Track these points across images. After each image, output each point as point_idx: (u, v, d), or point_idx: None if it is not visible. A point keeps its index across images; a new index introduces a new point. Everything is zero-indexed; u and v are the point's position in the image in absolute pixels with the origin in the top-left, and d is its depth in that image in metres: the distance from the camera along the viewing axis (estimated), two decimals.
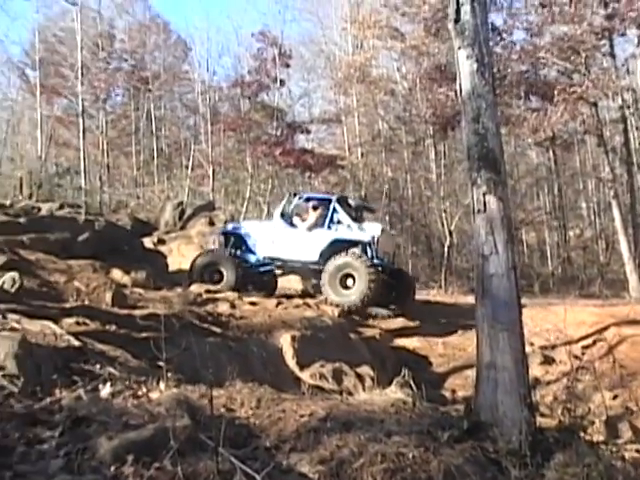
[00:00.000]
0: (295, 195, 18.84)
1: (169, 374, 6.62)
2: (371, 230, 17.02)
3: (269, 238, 17.44)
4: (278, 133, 35.75)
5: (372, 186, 35.99)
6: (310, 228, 17.26)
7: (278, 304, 15.45)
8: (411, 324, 16.82)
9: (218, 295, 15.42)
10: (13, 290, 10.79)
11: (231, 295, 15.67)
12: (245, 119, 36.13)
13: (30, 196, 27.79)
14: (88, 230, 17.72)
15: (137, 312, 11.26)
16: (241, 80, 37.23)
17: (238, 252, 17.71)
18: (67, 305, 10.81)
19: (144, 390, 6.20)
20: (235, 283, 16.74)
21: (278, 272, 17.91)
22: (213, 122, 37.46)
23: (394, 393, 7.19)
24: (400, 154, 36.34)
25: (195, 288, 15.93)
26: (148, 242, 20.50)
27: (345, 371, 11.60)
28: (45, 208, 22.07)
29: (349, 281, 16.02)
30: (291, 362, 11.64)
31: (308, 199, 18.20)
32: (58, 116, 38.03)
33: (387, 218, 34.45)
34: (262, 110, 36.87)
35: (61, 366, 6.59)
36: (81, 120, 28.26)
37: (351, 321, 15.68)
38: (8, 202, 22.69)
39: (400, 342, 15.68)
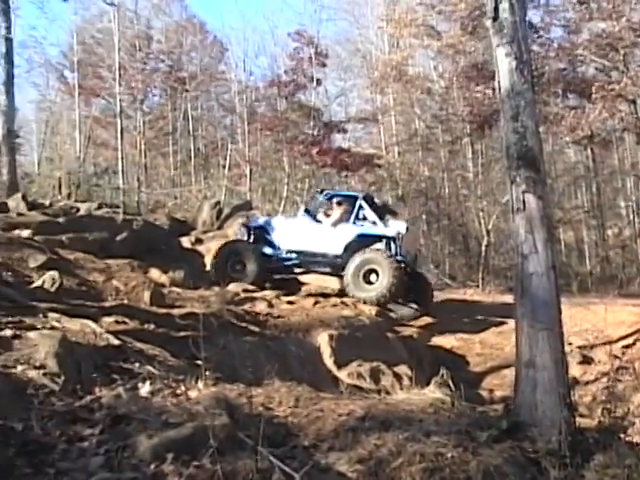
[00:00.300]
0: (321, 192, 19.05)
1: (207, 373, 6.59)
2: (396, 226, 17.07)
3: (293, 232, 17.54)
4: (315, 132, 35.74)
5: (409, 185, 35.84)
6: (335, 223, 17.34)
7: (315, 303, 15.53)
8: (447, 323, 16.78)
9: (256, 294, 15.47)
10: (53, 289, 10.86)
11: (269, 294, 15.75)
12: (282, 119, 36.18)
13: (69, 196, 27.83)
14: (126, 230, 17.89)
15: (175, 311, 11.27)
16: (278, 80, 37.30)
17: (263, 248, 17.74)
18: (106, 304, 10.85)
19: (183, 389, 6.20)
20: (257, 275, 16.87)
21: (297, 271, 17.79)
22: (250, 122, 37.45)
23: (432, 393, 7.15)
24: (437, 153, 36.15)
25: (232, 287, 15.93)
26: (186, 241, 20.50)
27: (383, 370, 11.54)
28: (84, 208, 22.23)
29: (372, 276, 16.07)
30: (329, 361, 11.62)
31: (333, 196, 18.28)
32: (96, 117, 38.26)
33: (424, 217, 34.35)
34: (299, 110, 36.90)
35: (101, 364, 6.59)
36: (119, 121, 28.39)
37: (388, 320, 15.68)
38: (47, 202, 22.75)
39: (437, 341, 15.66)
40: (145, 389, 6.02)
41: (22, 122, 42.06)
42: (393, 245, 16.66)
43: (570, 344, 13.07)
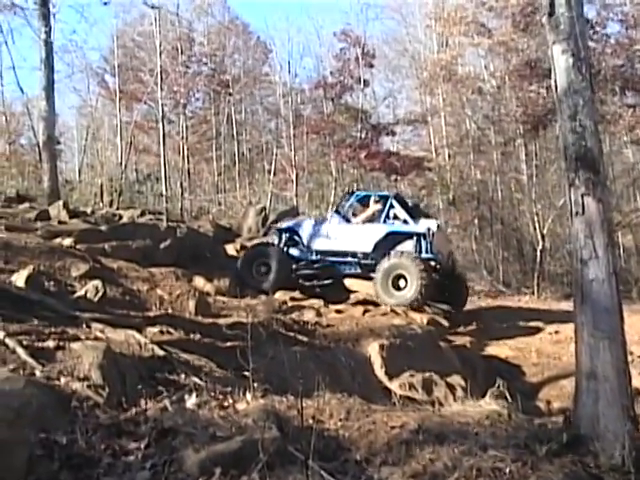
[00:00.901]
0: (352, 193, 19.24)
1: (256, 384, 6.59)
2: (426, 224, 17.22)
3: (322, 233, 17.77)
4: (362, 135, 35.86)
5: (460, 188, 35.73)
6: (365, 221, 17.69)
7: (365, 312, 15.47)
8: (502, 331, 16.67)
9: (304, 302, 15.59)
10: (96, 299, 10.89)
11: (317, 303, 15.80)
12: (328, 121, 36.33)
13: (111, 203, 28.25)
14: (170, 237, 17.91)
15: (221, 321, 11.32)
16: (324, 81, 37.47)
17: (292, 250, 18.05)
18: (150, 314, 10.88)
19: (230, 401, 6.21)
20: (278, 279, 17.04)
21: (326, 282, 17.88)
22: (296, 125, 37.65)
23: (488, 404, 7.07)
24: (489, 155, 35.94)
25: (280, 296, 16.04)
26: (231, 249, 20.50)
27: (435, 381, 11.40)
28: (126, 215, 22.39)
29: (401, 282, 16.19)
30: (379, 372, 11.52)
31: (364, 197, 18.56)
32: (138, 122, 38.37)
33: (476, 222, 34.17)
34: (346, 112, 37.00)
35: (146, 376, 6.63)
36: (161, 126, 28.52)
37: (440, 329, 15.58)
38: (89, 210, 23.04)
39: (491, 350, 15.53)
40: (191, 401, 6.02)
41: (63, 128, 43.06)
42: (423, 242, 16.86)
43: (631, 353, 12.80)
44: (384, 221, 17.36)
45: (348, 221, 17.99)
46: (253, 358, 6.47)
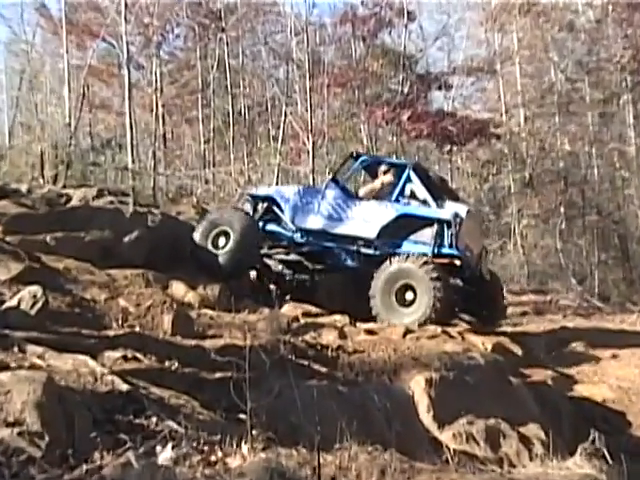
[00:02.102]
0: (357, 157, 18.98)
1: (255, 431, 6.57)
2: (454, 208, 17.04)
3: (311, 207, 17.70)
4: (405, 89, 35.68)
5: (540, 164, 35.64)
6: (370, 196, 17.62)
7: (406, 333, 15.11)
8: (597, 364, 16.59)
9: (322, 319, 15.39)
10: (34, 312, 10.68)
11: (340, 319, 15.60)
12: (359, 70, 36.18)
13: (55, 179, 27.73)
14: (138, 227, 17.56)
15: (208, 343, 11.29)
16: (352, 14, 37.26)
17: (270, 225, 18.09)
18: (110, 333, 10.89)
19: (220, 454, 6.16)
20: (241, 252, 16.96)
21: (302, 277, 18.14)
22: (313, 74, 36.97)
23: (579, 467, 7.05)
24: (582, 118, 35.85)
25: (289, 309, 15.89)
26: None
27: (504, 431, 11.17)
28: (77, 196, 22.17)
29: (408, 294, 16.09)
30: (426, 417, 11.30)
31: (372, 163, 18.63)
32: (93, 66, 38.06)
33: (562, 211, 34.06)
34: (383, 57, 36.90)
35: (102, 419, 6.55)
36: (126, 72, 28.49)
37: (512, 359, 15.44)
38: (24, 187, 22.82)
39: (583, 390, 15.38)
40: (165, 455, 5.94)
41: None
42: (446, 232, 16.64)
43: None
44: (396, 199, 17.21)
45: (348, 194, 18.00)
46: (252, 395, 6.54)
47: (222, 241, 17.13)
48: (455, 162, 37.29)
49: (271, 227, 17.98)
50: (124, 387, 7.44)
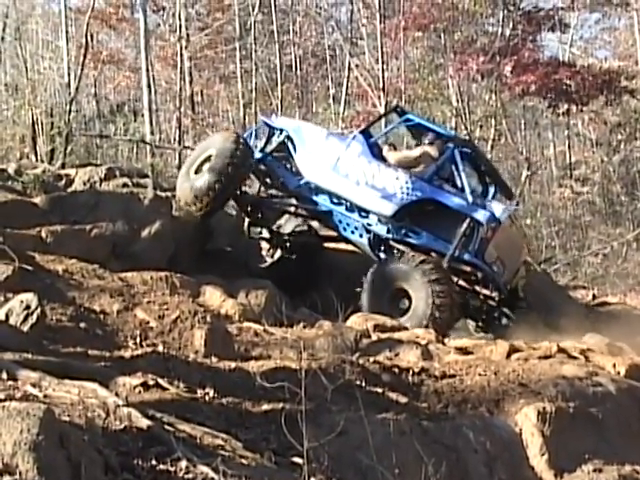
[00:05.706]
0: (402, 112, 18.62)
1: (314, 478, 6.42)
2: (492, 207, 16.31)
3: (331, 159, 16.86)
4: (507, 32, 33.08)
5: None
6: (402, 164, 16.68)
7: (511, 352, 13.79)
8: None
9: (399, 334, 14.03)
10: (26, 327, 9.85)
11: (423, 335, 14.21)
12: (445, 7, 33.47)
13: (52, 156, 25.91)
14: (159, 217, 16.67)
15: (252, 366, 10.24)
16: None
17: (276, 166, 17.68)
18: (125, 353, 10.11)
19: None
20: (222, 178, 16.06)
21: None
22: (385, 15, 35.00)
23: None
24: None
25: (357, 321, 14.52)
26: None
27: None
28: (80, 178, 20.82)
29: (404, 301, 15.57)
30: (538, 461, 10.04)
31: (419, 127, 17.69)
32: (98, 9, 36.49)
33: None
34: None
35: (116, 464, 5.77)
36: (141, 16, 26.66)
37: None
38: (12, 168, 21.17)
39: None
40: None
41: None
42: (474, 235, 15.91)
43: None
44: (430, 178, 16.30)
45: (375, 155, 16.85)
46: (309, 432, 6.19)
47: (206, 167, 16.56)
48: (574, 127, 35.57)
49: (277, 167, 17.59)
50: (144, 423, 6.71)
